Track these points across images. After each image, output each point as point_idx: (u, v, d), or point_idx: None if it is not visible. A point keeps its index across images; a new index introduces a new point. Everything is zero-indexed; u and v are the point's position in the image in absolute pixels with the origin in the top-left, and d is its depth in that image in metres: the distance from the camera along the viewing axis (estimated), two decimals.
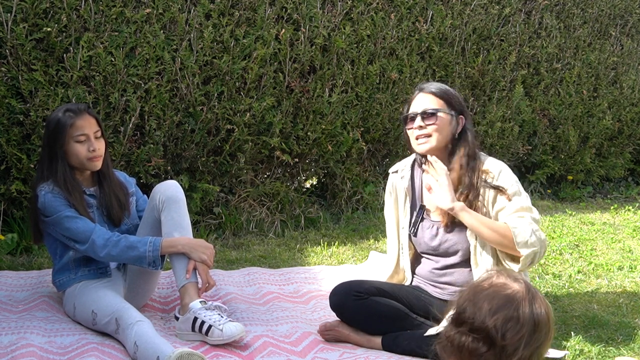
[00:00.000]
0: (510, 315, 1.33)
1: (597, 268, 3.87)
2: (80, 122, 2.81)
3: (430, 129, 2.66)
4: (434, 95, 2.70)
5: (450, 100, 2.70)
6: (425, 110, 2.67)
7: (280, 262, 3.84)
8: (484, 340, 1.34)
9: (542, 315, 1.33)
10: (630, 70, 6.33)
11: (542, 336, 1.33)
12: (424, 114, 2.67)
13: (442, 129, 2.67)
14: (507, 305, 1.34)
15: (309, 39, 4.49)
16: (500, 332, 1.32)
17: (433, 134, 2.66)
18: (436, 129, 2.66)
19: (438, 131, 2.66)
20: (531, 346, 1.32)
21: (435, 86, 2.74)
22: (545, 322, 1.33)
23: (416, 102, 2.73)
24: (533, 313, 1.33)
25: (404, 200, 2.84)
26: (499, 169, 2.67)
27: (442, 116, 2.67)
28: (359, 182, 4.99)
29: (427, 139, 2.67)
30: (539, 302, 1.35)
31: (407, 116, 2.72)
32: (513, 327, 1.32)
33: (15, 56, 3.60)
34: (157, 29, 3.93)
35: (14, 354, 2.45)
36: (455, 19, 5.17)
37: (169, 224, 2.84)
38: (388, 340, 2.67)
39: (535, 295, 1.36)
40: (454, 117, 2.69)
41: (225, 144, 4.27)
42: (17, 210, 3.81)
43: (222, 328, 2.61)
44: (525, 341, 1.31)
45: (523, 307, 1.33)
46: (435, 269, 2.79)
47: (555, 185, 6.21)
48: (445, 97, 2.70)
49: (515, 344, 1.31)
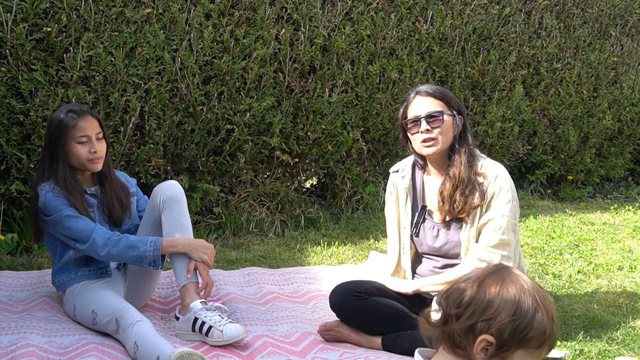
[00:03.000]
0: (465, 287, 1.36)
1: (597, 268, 3.87)
2: (82, 123, 2.81)
3: (436, 132, 2.65)
4: (434, 97, 2.69)
5: (449, 101, 2.70)
6: (431, 113, 2.66)
7: (280, 262, 3.84)
8: (442, 312, 1.39)
9: (495, 293, 1.33)
10: (630, 70, 6.33)
11: (498, 314, 1.32)
12: (429, 117, 2.65)
13: (447, 131, 2.67)
14: (469, 281, 1.37)
15: (309, 39, 4.49)
16: (450, 302, 1.36)
17: (439, 137, 2.66)
18: (441, 131, 2.66)
19: (443, 134, 2.66)
20: (477, 319, 1.32)
21: (432, 88, 2.73)
22: (501, 301, 1.32)
23: (417, 106, 2.70)
24: (483, 290, 1.34)
25: (405, 199, 2.84)
26: (496, 173, 2.67)
27: (446, 118, 2.67)
28: (359, 182, 4.99)
29: (434, 141, 2.66)
30: (498, 282, 1.35)
31: (408, 121, 2.70)
32: (462, 297, 1.35)
33: (15, 56, 3.60)
34: (157, 29, 3.93)
35: (14, 354, 2.45)
36: (455, 19, 5.17)
37: (170, 224, 2.84)
38: (388, 340, 2.67)
39: (499, 275, 1.36)
40: (455, 118, 2.69)
41: (225, 144, 4.27)
42: (17, 210, 3.81)
43: (222, 329, 2.61)
44: (470, 312, 1.33)
45: (476, 282, 1.36)
46: (436, 267, 2.79)
47: (555, 185, 6.21)
48: (444, 99, 2.69)
49: (459, 314, 1.33)
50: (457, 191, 2.64)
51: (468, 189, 2.63)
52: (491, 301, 1.32)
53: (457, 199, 2.65)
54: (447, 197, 2.66)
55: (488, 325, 1.31)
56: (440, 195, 2.69)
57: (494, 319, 1.31)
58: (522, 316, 1.31)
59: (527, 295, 1.33)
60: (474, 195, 2.63)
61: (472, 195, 2.63)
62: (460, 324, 1.33)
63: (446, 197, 2.66)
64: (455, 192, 2.65)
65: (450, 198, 2.65)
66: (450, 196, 2.65)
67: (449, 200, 2.66)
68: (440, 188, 2.70)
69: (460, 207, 2.64)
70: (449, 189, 2.65)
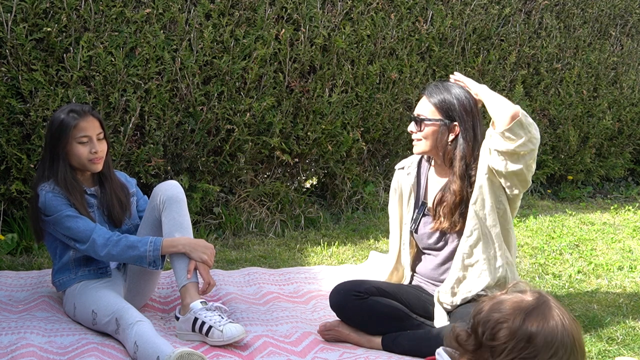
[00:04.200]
0: (503, 319, 1.33)
1: (597, 268, 3.87)
2: (83, 123, 2.81)
3: (420, 134, 2.74)
4: (430, 103, 2.73)
5: (447, 110, 2.70)
6: (416, 116, 2.75)
7: (280, 262, 3.84)
8: (474, 336, 1.35)
9: (536, 331, 1.31)
10: (630, 70, 6.33)
11: (537, 354, 1.31)
12: (416, 119, 2.75)
13: (429, 136, 2.72)
14: (505, 310, 1.34)
15: (309, 39, 4.49)
16: (486, 330, 1.33)
17: (422, 139, 2.74)
18: (425, 135, 2.73)
19: (427, 137, 2.73)
20: (515, 357, 1.31)
21: (435, 92, 2.74)
22: (542, 340, 1.31)
23: (418, 104, 2.79)
24: (525, 327, 1.31)
25: (409, 196, 2.86)
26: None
27: (429, 124, 2.71)
28: (359, 182, 4.99)
29: (417, 141, 2.76)
30: (540, 319, 1.32)
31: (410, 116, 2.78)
32: (500, 329, 1.32)
33: (15, 56, 3.60)
34: (157, 29, 3.93)
35: (14, 354, 2.45)
36: (455, 19, 5.17)
37: (170, 224, 2.84)
38: (388, 340, 2.67)
39: (541, 311, 1.33)
40: (446, 126, 2.69)
41: (225, 144, 4.27)
42: (17, 210, 3.81)
43: (222, 329, 2.61)
44: (509, 349, 1.31)
45: (518, 317, 1.32)
46: (436, 264, 2.81)
47: (555, 185, 6.21)
48: (440, 106, 2.71)
49: (496, 347, 1.31)
50: (457, 210, 2.67)
51: (464, 209, 2.67)
52: (531, 340, 1.30)
53: (456, 218, 2.68)
54: (449, 214, 2.70)
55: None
56: (441, 207, 2.72)
57: (532, 358, 1.30)
58: (560, 357, 1.30)
59: (566, 335, 1.31)
60: (466, 213, 2.66)
61: (466, 214, 2.66)
62: (496, 358, 1.32)
63: (447, 214, 2.70)
64: (456, 210, 2.68)
65: (451, 214, 2.69)
66: (451, 212, 2.69)
67: (450, 215, 2.70)
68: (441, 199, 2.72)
69: (460, 226, 2.69)
70: (450, 204, 2.68)
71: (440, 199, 2.73)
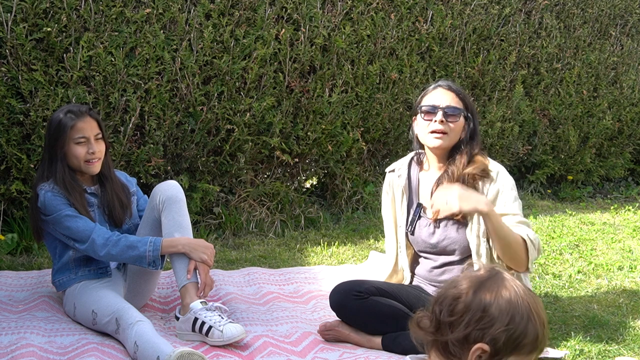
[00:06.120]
0: (458, 294, 1.35)
1: (597, 268, 3.87)
2: (81, 124, 2.81)
3: (449, 127, 2.65)
4: (455, 94, 2.69)
5: (467, 103, 2.71)
6: (451, 106, 2.66)
7: (280, 262, 3.84)
8: (434, 317, 1.37)
9: (490, 301, 1.33)
10: (630, 70, 6.33)
11: (493, 323, 1.32)
12: (448, 109, 2.66)
13: (458, 130, 2.68)
14: (460, 286, 1.36)
15: (309, 39, 4.49)
16: (443, 308, 1.35)
17: (449, 133, 2.66)
18: (453, 128, 2.66)
19: (454, 131, 2.66)
20: (472, 329, 1.32)
21: (455, 85, 2.74)
22: (497, 309, 1.32)
23: (437, 97, 2.70)
24: (479, 298, 1.33)
25: (401, 199, 2.84)
26: (497, 170, 2.68)
27: (461, 118, 2.68)
28: (359, 182, 4.99)
29: (443, 135, 2.66)
30: (493, 289, 1.34)
31: (425, 106, 2.68)
32: (456, 305, 1.34)
33: (15, 56, 3.60)
34: (157, 29, 3.93)
35: (14, 354, 2.45)
36: (455, 19, 5.17)
37: (170, 224, 2.84)
38: (388, 340, 2.67)
39: (494, 282, 1.35)
40: (468, 120, 2.70)
41: (225, 144, 4.27)
42: (17, 210, 3.81)
43: (222, 329, 2.61)
44: (465, 322, 1.32)
45: (471, 290, 1.35)
46: (433, 267, 2.79)
47: (555, 185, 6.21)
48: (464, 99, 2.70)
49: (454, 322, 1.33)
50: None
51: None
52: (486, 310, 1.32)
53: None
54: None
55: (482, 334, 1.31)
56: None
57: (488, 328, 1.31)
58: (517, 324, 1.32)
59: (521, 302, 1.33)
60: None
61: None
62: (455, 333, 1.33)
63: None
64: None
65: None
66: None
67: None
68: (437, 186, 2.69)
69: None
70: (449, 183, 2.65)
71: (435, 188, 2.69)
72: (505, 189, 2.63)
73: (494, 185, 2.64)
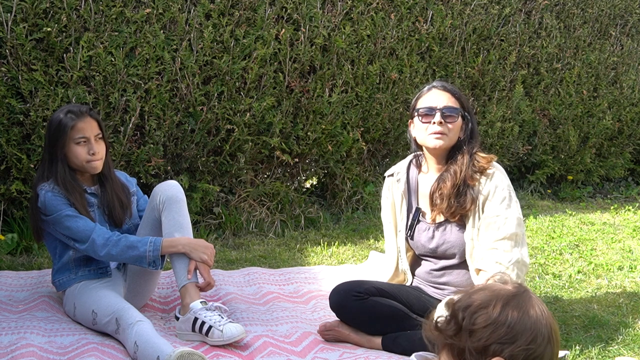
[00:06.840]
0: (483, 305, 1.36)
1: (597, 268, 3.87)
2: (81, 124, 2.81)
3: (448, 127, 2.66)
4: (451, 94, 2.70)
5: (463, 102, 2.72)
6: (448, 107, 2.66)
7: (280, 262, 3.84)
8: (454, 321, 1.37)
9: (516, 319, 1.34)
10: (630, 70, 6.33)
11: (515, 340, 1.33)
12: (445, 109, 2.66)
13: (457, 130, 2.68)
14: (486, 297, 1.37)
15: (309, 39, 4.49)
16: (466, 315, 1.36)
17: (448, 133, 2.66)
18: (452, 129, 2.66)
19: (453, 131, 2.67)
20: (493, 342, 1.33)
21: (450, 85, 2.75)
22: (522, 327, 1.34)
23: (433, 98, 2.69)
24: (505, 313, 1.34)
25: (401, 203, 2.83)
26: (493, 169, 2.68)
27: (459, 118, 2.68)
28: (359, 182, 4.99)
29: (442, 136, 2.65)
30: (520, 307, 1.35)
31: (423, 108, 2.68)
32: (479, 315, 1.34)
33: (15, 56, 3.60)
34: (157, 29, 3.93)
35: (14, 354, 2.45)
36: (455, 19, 5.17)
37: (170, 224, 2.84)
38: (388, 340, 2.67)
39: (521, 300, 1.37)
40: (466, 119, 2.70)
41: (225, 144, 4.27)
42: (17, 210, 3.81)
43: (222, 329, 2.61)
44: (488, 334, 1.33)
45: (498, 304, 1.35)
46: (433, 270, 2.79)
47: (555, 185, 6.21)
48: (460, 99, 2.71)
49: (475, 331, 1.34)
50: (453, 189, 2.64)
51: (462, 191, 2.64)
52: (511, 327, 1.33)
53: (452, 200, 2.65)
54: (446, 196, 2.65)
55: (502, 348, 1.33)
56: (439, 192, 2.68)
57: (509, 344, 1.33)
58: (537, 345, 1.33)
59: (544, 324, 1.35)
60: (465, 198, 2.63)
61: (464, 197, 2.63)
62: (475, 342, 1.34)
63: (445, 195, 2.66)
64: (453, 190, 2.64)
65: (448, 197, 2.65)
66: (449, 195, 2.65)
67: (447, 198, 2.65)
68: (438, 185, 2.69)
69: (454, 208, 2.65)
70: (449, 187, 2.65)
71: (436, 186, 2.70)
72: (497, 190, 2.64)
73: (487, 185, 2.64)
